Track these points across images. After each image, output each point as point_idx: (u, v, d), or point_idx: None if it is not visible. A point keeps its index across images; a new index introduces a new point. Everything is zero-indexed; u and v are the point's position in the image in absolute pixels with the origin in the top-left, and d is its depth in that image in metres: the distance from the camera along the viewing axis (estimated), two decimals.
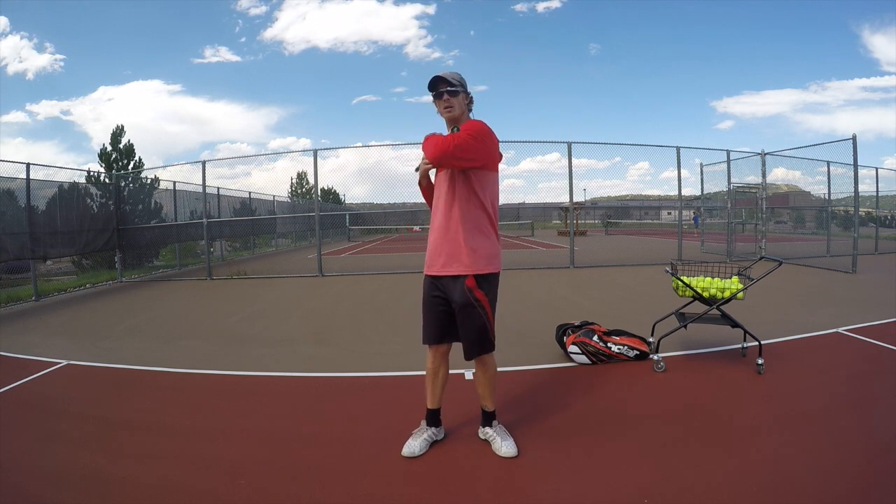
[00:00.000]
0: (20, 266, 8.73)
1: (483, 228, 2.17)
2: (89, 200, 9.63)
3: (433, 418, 2.38)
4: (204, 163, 10.19)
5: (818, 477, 1.99)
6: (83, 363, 3.93)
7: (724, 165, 11.02)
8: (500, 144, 2.26)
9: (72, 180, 9.03)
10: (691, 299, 3.49)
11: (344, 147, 10.82)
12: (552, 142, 10.30)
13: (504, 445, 2.25)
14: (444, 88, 2.14)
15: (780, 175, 10.89)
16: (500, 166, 2.29)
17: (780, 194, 18.34)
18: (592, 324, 3.75)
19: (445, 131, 2.27)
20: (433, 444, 2.34)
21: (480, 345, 2.20)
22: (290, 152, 15.61)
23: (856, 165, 8.28)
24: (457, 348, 2.33)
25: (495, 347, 2.28)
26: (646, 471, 2.09)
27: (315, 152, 9.61)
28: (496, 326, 2.27)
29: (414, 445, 2.27)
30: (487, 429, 2.36)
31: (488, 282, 2.17)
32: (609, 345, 3.55)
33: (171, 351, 4.26)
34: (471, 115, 2.28)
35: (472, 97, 2.26)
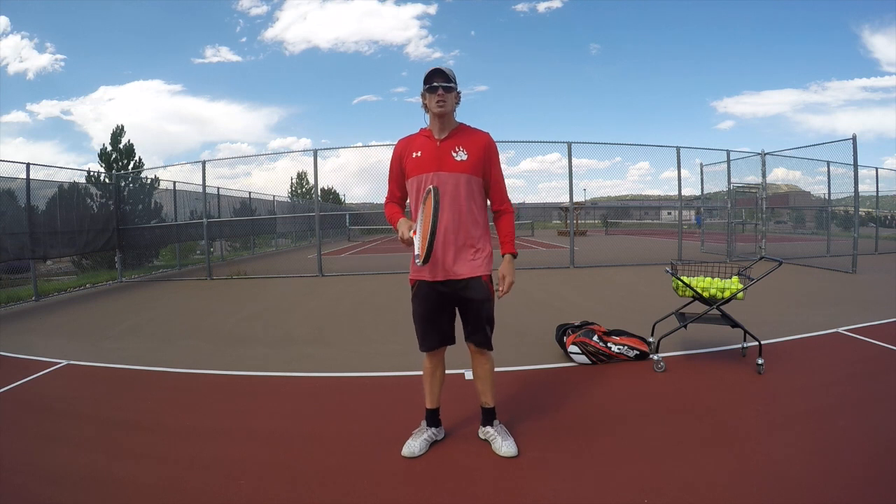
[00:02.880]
0: (20, 266, 8.73)
1: (488, 231, 2.29)
2: (89, 200, 9.64)
3: (433, 418, 2.39)
4: (204, 163, 10.20)
5: (818, 477, 1.99)
6: (83, 363, 3.93)
7: (724, 165, 11.03)
8: (500, 144, 2.27)
9: (72, 180, 9.03)
10: (691, 299, 3.49)
11: (344, 147, 10.82)
12: (552, 142, 10.36)
13: (504, 445, 2.26)
14: (441, 83, 2.11)
15: (780, 175, 10.91)
16: (501, 166, 2.32)
17: (780, 194, 18.35)
18: (592, 324, 3.75)
19: (424, 124, 2.24)
20: (433, 444, 2.35)
21: (492, 331, 2.30)
22: (291, 152, 15.69)
23: (856, 165, 8.28)
24: (452, 349, 2.33)
25: None
26: (646, 470, 2.09)
27: (315, 152, 9.61)
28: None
29: (414, 445, 2.27)
30: (488, 428, 2.36)
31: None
32: (609, 345, 3.55)
33: (171, 351, 4.26)
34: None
35: (460, 96, 2.22)
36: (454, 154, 2.15)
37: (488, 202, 2.33)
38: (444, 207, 2.10)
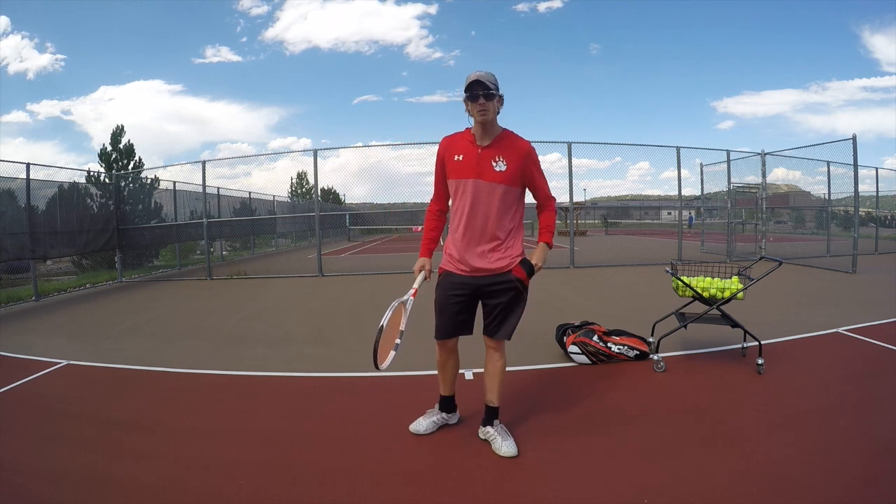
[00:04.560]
0: (20, 266, 8.72)
1: (520, 237, 2.38)
2: (89, 200, 9.63)
3: (447, 404, 2.47)
4: (204, 163, 10.19)
5: (818, 477, 1.99)
6: (83, 363, 3.93)
7: (724, 165, 11.02)
8: None
9: (72, 180, 9.01)
10: (691, 299, 3.49)
11: (344, 147, 10.81)
12: (552, 142, 10.30)
13: (504, 445, 2.26)
14: (481, 91, 2.10)
15: (780, 175, 10.91)
16: (541, 168, 2.39)
17: (780, 194, 18.34)
18: (592, 324, 3.75)
19: (467, 125, 2.24)
20: (443, 427, 2.44)
21: (516, 325, 2.33)
22: (291, 152, 15.68)
23: (856, 165, 8.28)
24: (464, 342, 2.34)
25: None
26: (646, 471, 2.09)
27: (315, 152, 9.60)
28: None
29: (421, 423, 2.39)
30: (488, 428, 2.36)
31: None
32: (609, 345, 3.55)
33: (171, 351, 4.26)
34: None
35: (502, 99, 2.22)
36: (494, 164, 2.17)
37: (534, 202, 2.43)
38: (477, 213, 2.18)
